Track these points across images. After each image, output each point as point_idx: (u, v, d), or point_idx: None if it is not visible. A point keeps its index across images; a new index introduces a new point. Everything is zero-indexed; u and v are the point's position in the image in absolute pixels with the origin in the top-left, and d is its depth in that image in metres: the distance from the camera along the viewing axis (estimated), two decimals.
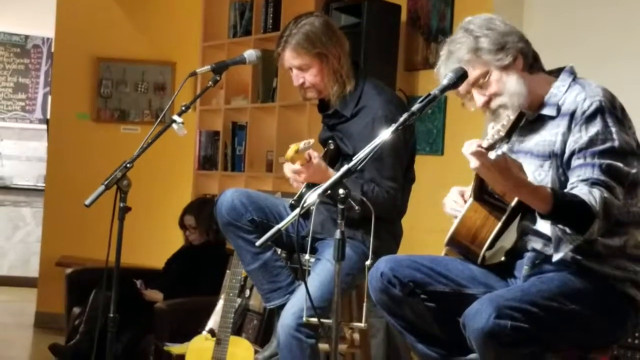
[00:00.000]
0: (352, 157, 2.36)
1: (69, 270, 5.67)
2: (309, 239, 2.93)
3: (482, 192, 2.51)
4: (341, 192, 2.27)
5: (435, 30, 4.80)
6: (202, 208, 5.17)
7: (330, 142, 3.28)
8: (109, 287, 2.94)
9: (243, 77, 5.81)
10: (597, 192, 2.30)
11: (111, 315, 2.94)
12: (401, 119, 2.31)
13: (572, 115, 2.44)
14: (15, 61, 9.51)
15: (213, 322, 4.11)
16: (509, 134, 2.19)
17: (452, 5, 4.72)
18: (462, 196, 2.66)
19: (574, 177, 2.39)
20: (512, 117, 2.23)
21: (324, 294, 3.02)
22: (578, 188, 2.33)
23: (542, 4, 4.53)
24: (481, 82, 2.50)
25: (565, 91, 2.50)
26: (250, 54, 3.29)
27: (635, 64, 4.09)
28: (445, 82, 2.39)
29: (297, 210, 2.31)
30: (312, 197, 2.30)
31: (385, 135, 2.30)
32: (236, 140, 5.87)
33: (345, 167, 2.29)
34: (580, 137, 2.40)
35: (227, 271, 4.30)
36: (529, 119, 2.54)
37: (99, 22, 6.63)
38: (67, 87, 6.68)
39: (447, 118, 4.73)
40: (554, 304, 2.34)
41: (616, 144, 2.37)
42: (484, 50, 2.48)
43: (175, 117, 3.05)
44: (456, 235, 2.56)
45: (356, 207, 2.45)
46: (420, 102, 2.33)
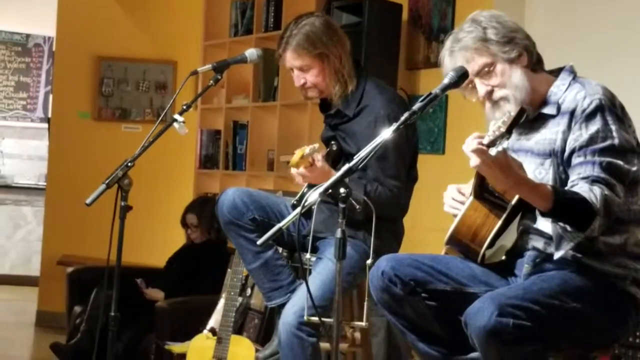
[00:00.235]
0: (355, 156, 2.35)
1: (70, 269, 5.68)
2: (310, 238, 2.93)
3: (482, 190, 2.51)
4: (342, 191, 2.27)
5: (436, 29, 4.80)
6: (203, 207, 5.17)
7: (332, 142, 3.28)
8: (110, 286, 2.94)
9: (244, 76, 5.81)
10: (597, 190, 2.30)
11: (112, 314, 2.95)
12: (402, 118, 2.31)
13: (572, 114, 2.44)
14: (16, 60, 9.51)
15: (214, 321, 4.11)
16: (510, 130, 2.19)
17: (454, 4, 4.72)
18: (459, 193, 2.65)
19: (574, 175, 2.39)
20: (513, 113, 2.23)
21: (325, 292, 3.02)
22: (579, 186, 2.34)
23: (543, 2, 4.53)
24: (485, 71, 2.50)
25: (565, 90, 2.51)
26: (252, 52, 3.30)
27: (636, 62, 4.08)
28: (446, 81, 2.39)
29: (298, 209, 2.32)
30: (313, 196, 2.30)
31: (387, 134, 2.30)
32: (237, 139, 5.86)
33: (347, 166, 2.29)
34: (580, 135, 2.40)
35: (228, 270, 4.30)
36: (529, 117, 2.54)
37: (100, 20, 6.64)
38: (69, 86, 6.68)
39: (448, 117, 4.74)
40: (555, 302, 2.34)
41: (616, 141, 2.38)
42: (492, 41, 2.48)
43: (177, 116, 3.06)
44: (456, 234, 2.56)
45: (357, 206, 2.45)
46: (422, 101, 2.33)
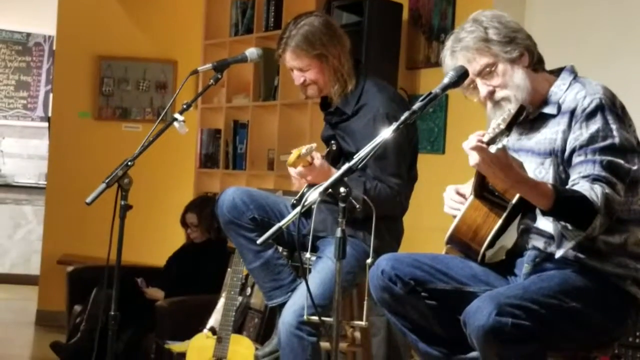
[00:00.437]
0: (355, 155, 2.35)
1: (70, 268, 5.68)
2: (310, 237, 2.93)
3: (482, 189, 2.51)
4: (342, 190, 2.27)
5: (436, 29, 4.80)
6: (203, 206, 5.17)
7: (332, 142, 3.28)
8: (110, 285, 2.95)
9: (244, 76, 5.81)
10: (598, 188, 2.30)
11: (112, 313, 2.95)
12: (402, 118, 2.31)
13: (573, 113, 2.44)
14: (17, 59, 9.51)
15: (214, 320, 4.11)
16: (510, 127, 2.19)
17: (454, 4, 4.72)
18: (458, 193, 2.65)
19: (575, 174, 2.39)
20: (513, 110, 2.23)
21: (325, 292, 3.02)
22: (579, 184, 2.34)
23: (543, 2, 4.52)
24: (487, 71, 2.50)
25: (566, 90, 2.51)
26: (252, 52, 3.30)
27: (637, 62, 4.08)
28: (446, 80, 2.40)
29: (298, 209, 2.32)
30: (313, 196, 2.30)
31: (387, 133, 2.30)
32: (237, 139, 5.87)
33: (346, 166, 2.29)
34: (580, 134, 2.41)
35: (228, 269, 4.31)
36: (530, 116, 2.55)
37: (100, 20, 6.64)
38: (69, 85, 6.69)
39: (449, 117, 4.74)
40: (555, 301, 2.34)
41: (616, 140, 2.38)
42: (493, 42, 2.48)
43: (177, 115, 3.06)
44: (456, 233, 2.56)
45: (357, 206, 2.45)
46: (422, 100, 2.33)
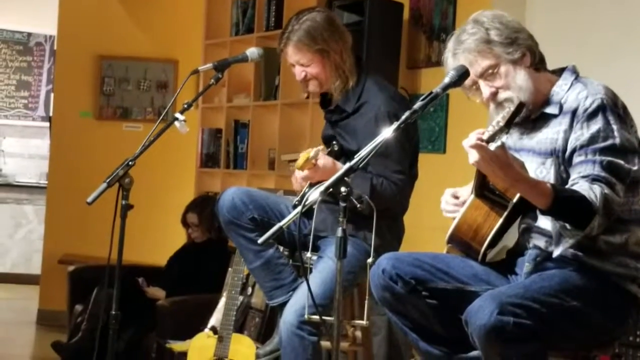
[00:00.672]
0: (356, 153, 2.35)
1: (71, 267, 5.68)
2: (311, 236, 2.94)
3: (483, 188, 2.51)
4: (343, 189, 2.27)
5: (437, 28, 4.80)
6: (204, 206, 5.17)
7: (334, 142, 3.28)
8: (111, 285, 2.95)
9: (245, 75, 5.81)
10: (597, 189, 2.30)
11: (113, 312, 2.95)
12: (403, 117, 2.31)
13: (574, 113, 2.44)
14: (17, 59, 9.52)
15: (215, 319, 4.11)
16: (509, 125, 2.19)
17: (455, 4, 4.72)
18: (455, 197, 2.66)
19: (574, 174, 2.39)
20: (512, 108, 2.23)
21: (326, 291, 3.02)
22: (579, 184, 2.34)
23: (544, 1, 4.52)
24: (489, 73, 2.50)
25: (568, 89, 2.51)
26: (253, 51, 3.30)
27: (639, 61, 4.08)
28: (447, 80, 2.39)
29: (298, 208, 2.32)
30: (313, 195, 2.30)
31: (388, 133, 2.30)
32: (238, 138, 5.87)
33: (347, 165, 2.29)
34: (581, 134, 2.41)
35: (229, 269, 4.31)
36: (532, 116, 2.55)
37: (101, 20, 6.64)
38: (70, 85, 6.69)
39: (449, 116, 4.74)
40: (556, 300, 2.34)
41: (617, 141, 2.38)
42: (495, 43, 2.48)
43: (178, 115, 3.06)
44: (457, 232, 2.56)
45: (358, 205, 2.45)
46: (422, 100, 2.33)
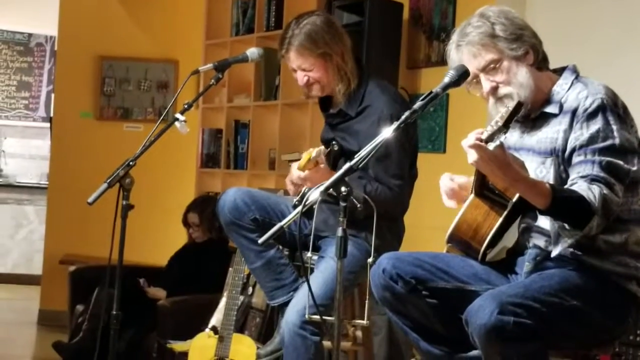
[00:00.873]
0: (357, 154, 2.35)
1: (72, 268, 5.69)
2: (312, 237, 2.94)
3: (483, 187, 2.52)
4: (343, 189, 2.27)
5: (437, 28, 4.80)
6: (205, 206, 5.17)
7: (334, 143, 3.28)
8: (112, 285, 2.95)
9: (246, 75, 5.81)
10: (596, 189, 2.30)
11: (114, 312, 2.95)
12: (403, 117, 2.32)
13: (574, 113, 2.44)
14: (18, 59, 9.52)
15: (216, 319, 4.12)
16: (507, 124, 2.19)
17: (454, 3, 4.72)
18: (451, 180, 2.65)
19: (574, 174, 2.39)
20: (511, 107, 2.23)
21: (327, 291, 3.02)
22: (577, 184, 2.34)
23: (544, 0, 4.52)
24: (491, 67, 2.50)
25: (568, 89, 2.51)
26: (253, 52, 3.30)
27: (638, 60, 4.08)
28: (446, 79, 2.39)
29: (299, 208, 2.32)
30: (314, 195, 2.30)
31: (387, 133, 2.30)
32: (239, 138, 5.87)
33: (347, 165, 2.29)
34: (581, 134, 2.41)
35: (230, 269, 4.31)
36: (532, 115, 2.55)
37: (102, 20, 6.65)
38: (70, 86, 6.69)
39: (449, 116, 4.74)
40: (556, 300, 2.35)
41: (617, 141, 2.38)
42: (500, 38, 2.48)
43: (178, 115, 3.06)
44: (457, 232, 2.56)
45: (358, 205, 2.45)
46: (422, 99, 2.33)
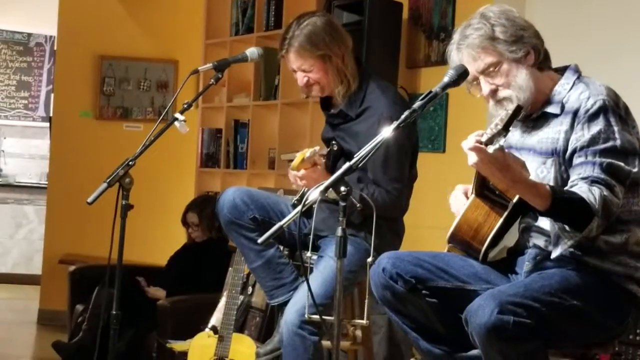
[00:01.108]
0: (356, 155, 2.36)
1: (72, 267, 5.68)
2: (311, 236, 2.94)
3: (483, 188, 2.52)
4: (342, 189, 2.27)
5: (437, 27, 4.80)
6: (204, 205, 5.17)
7: (333, 143, 3.28)
8: (111, 285, 2.95)
9: (245, 75, 5.82)
10: (596, 191, 2.30)
11: (114, 312, 2.95)
12: (402, 117, 2.32)
13: (576, 114, 2.44)
14: (18, 59, 9.52)
15: (215, 319, 4.12)
16: (507, 127, 2.20)
17: (454, 3, 4.72)
18: (466, 195, 2.66)
19: (574, 175, 2.39)
20: (510, 110, 2.24)
21: (327, 291, 3.02)
22: (578, 186, 2.34)
23: None
24: (491, 70, 2.50)
25: (570, 89, 2.50)
26: (252, 51, 3.30)
27: (638, 59, 4.08)
28: (446, 79, 2.39)
29: (298, 208, 2.32)
30: (313, 195, 2.30)
31: (387, 133, 2.30)
32: (238, 138, 5.87)
33: (347, 165, 2.29)
34: (582, 135, 2.41)
35: (230, 268, 4.31)
36: (533, 114, 2.55)
37: (101, 20, 6.64)
38: (70, 85, 6.69)
39: (449, 115, 4.74)
40: (556, 299, 2.35)
41: (618, 143, 2.38)
42: (499, 40, 2.47)
43: (178, 115, 3.06)
44: (458, 232, 2.57)
45: (357, 205, 2.46)
46: (422, 99, 2.33)
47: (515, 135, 2.60)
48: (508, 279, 2.57)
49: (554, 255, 2.43)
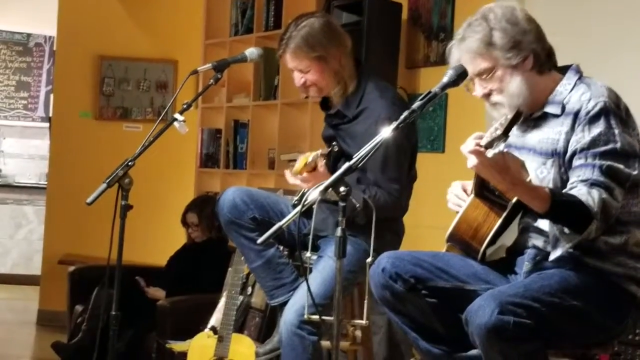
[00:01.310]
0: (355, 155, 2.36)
1: (71, 268, 5.68)
2: (311, 236, 2.94)
3: (483, 188, 2.52)
4: (342, 189, 2.27)
5: (436, 28, 4.80)
6: (204, 206, 5.17)
7: (334, 143, 3.28)
8: (111, 285, 2.95)
9: (245, 75, 5.82)
10: (595, 193, 2.30)
11: (113, 313, 2.95)
12: (402, 117, 2.32)
13: (576, 115, 2.43)
14: (17, 59, 9.52)
15: (215, 319, 4.11)
16: (506, 132, 2.20)
17: (453, 3, 4.72)
18: (464, 190, 2.66)
19: (574, 177, 2.39)
20: (510, 116, 2.25)
21: (327, 291, 3.03)
22: (577, 188, 2.34)
23: None
24: (485, 75, 2.50)
25: (571, 90, 2.50)
26: (252, 52, 3.30)
27: (638, 59, 4.07)
28: (445, 79, 2.40)
29: (298, 208, 2.32)
30: (313, 195, 2.30)
31: (386, 133, 2.30)
32: (238, 138, 5.88)
33: (346, 165, 2.29)
34: (582, 137, 2.40)
35: (229, 269, 4.31)
36: (533, 114, 2.55)
37: (101, 20, 6.64)
38: (70, 86, 6.69)
39: (448, 115, 4.74)
40: (556, 299, 2.35)
41: (618, 145, 2.37)
42: (496, 46, 2.47)
43: (177, 115, 3.06)
44: (457, 231, 2.57)
45: (357, 205, 2.46)
46: (421, 99, 2.33)
47: (514, 135, 2.60)
48: (507, 279, 2.57)
49: (552, 257, 2.43)
